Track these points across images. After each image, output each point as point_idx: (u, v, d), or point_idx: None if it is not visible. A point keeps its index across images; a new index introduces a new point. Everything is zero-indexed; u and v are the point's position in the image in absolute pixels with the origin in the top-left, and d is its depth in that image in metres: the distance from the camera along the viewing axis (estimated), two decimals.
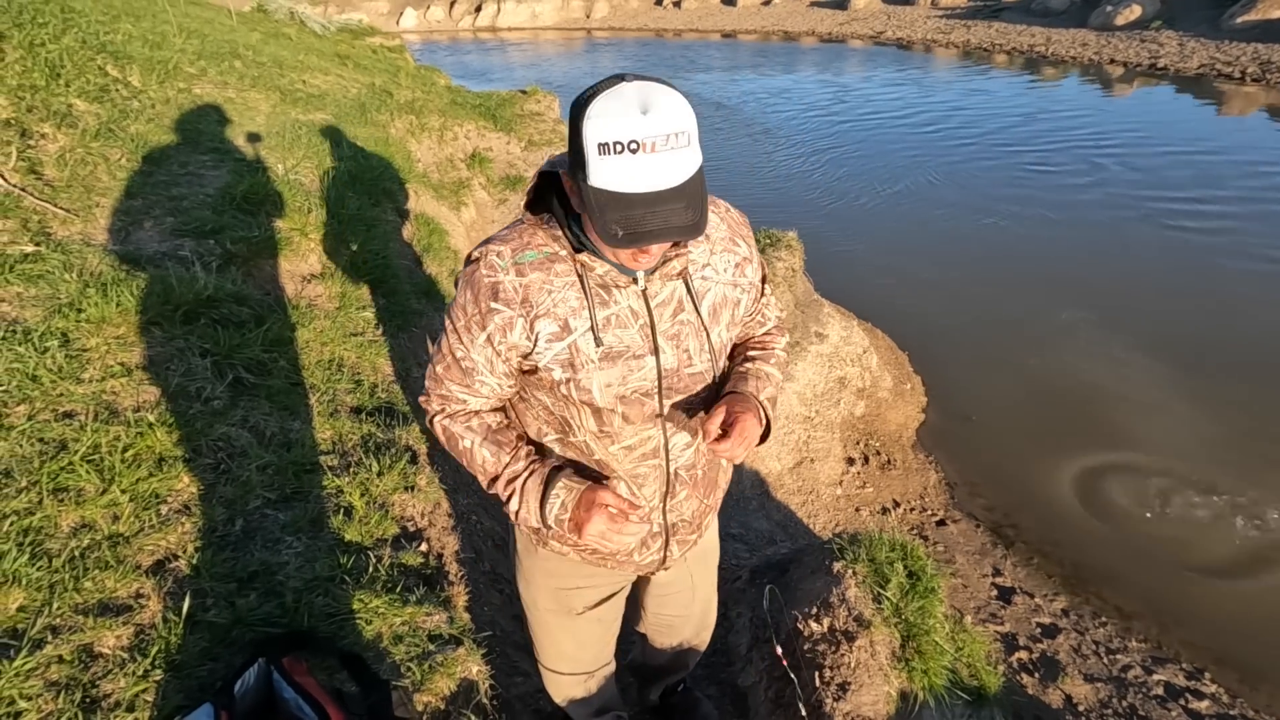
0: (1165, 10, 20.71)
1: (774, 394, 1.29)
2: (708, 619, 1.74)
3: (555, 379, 1.11)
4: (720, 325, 1.19)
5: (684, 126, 0.88)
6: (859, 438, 4.31)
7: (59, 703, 1.31)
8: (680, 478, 1.27)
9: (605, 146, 0.87)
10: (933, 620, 1.98)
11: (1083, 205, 8.15)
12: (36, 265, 2.36)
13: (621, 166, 0.87)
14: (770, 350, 1.33)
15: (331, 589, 1.72)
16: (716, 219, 1.19)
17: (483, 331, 1.10)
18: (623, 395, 1.13)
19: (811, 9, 32.81)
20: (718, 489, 1.40)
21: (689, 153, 0.89)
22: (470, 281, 1.10)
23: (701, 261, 1.16)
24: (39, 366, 1.97)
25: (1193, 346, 5.20)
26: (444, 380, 1.20)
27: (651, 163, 0.87)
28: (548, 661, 1.66)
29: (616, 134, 0.86)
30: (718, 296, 1.18)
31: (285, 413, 2.27)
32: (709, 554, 1.61)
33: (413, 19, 39.39)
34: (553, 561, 1.43)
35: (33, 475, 1.69)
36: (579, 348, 1.08)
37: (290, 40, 8.81)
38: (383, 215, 4.11)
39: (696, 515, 1.36)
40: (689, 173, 0.90)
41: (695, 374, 1.17)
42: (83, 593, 1.51)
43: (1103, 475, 4.09)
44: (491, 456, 1.19)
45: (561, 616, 1.52)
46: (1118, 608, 3.35)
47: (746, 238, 1.24)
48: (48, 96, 3.32)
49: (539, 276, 1.07)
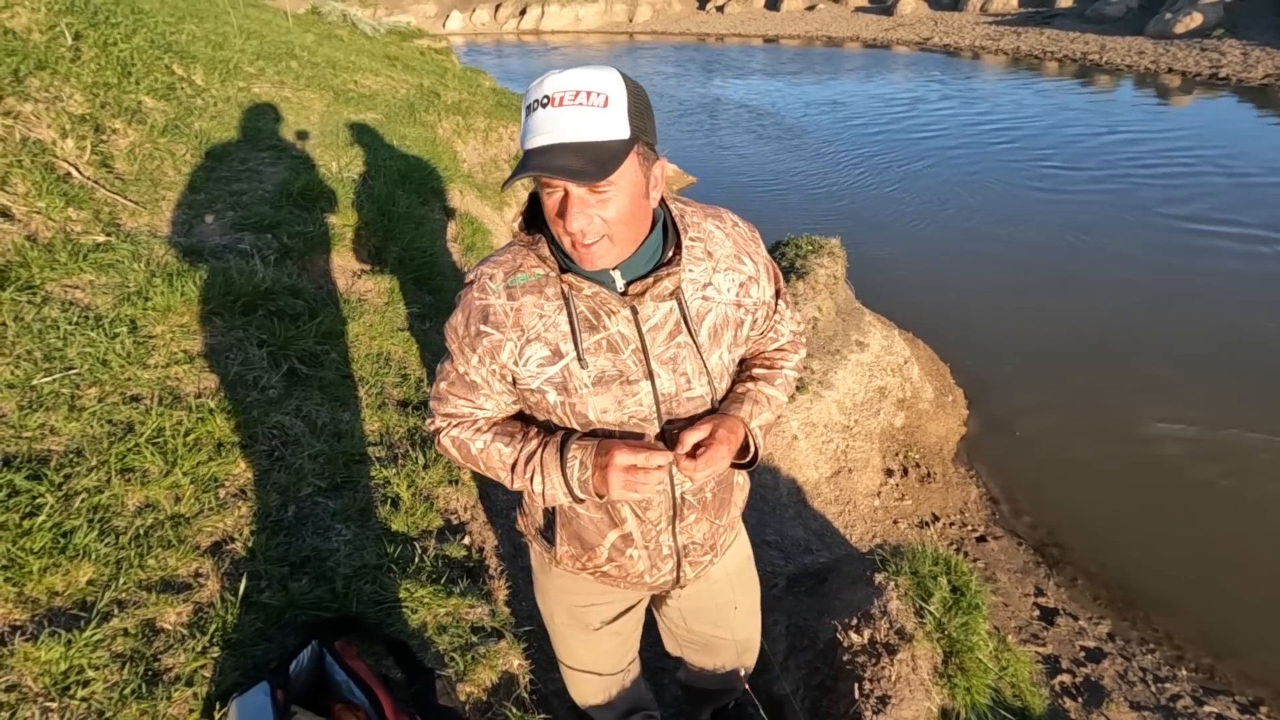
0: (1228, 18, 19.97)
1: (770, 420, 1.22)
2: (751, 640, 1.66)
3: (550, 402, 1.10)
4: (721, 347, 1.13)
5: (600, 88, 0.89)
6: (898, 449, 4.25)
7: (124, 674, 1.37)
8: (688, 502, 1.24)
9: (529, 108, 0.91)
10: (976, 637, 1.94)
11: (1149, 229, 7.72)
12: (107, 255, 2.46)
13: (532, 122, 0.90)
14: (777, 370, 1.26)
15: (379, 577, 1.76)
16: (721, 235, 1.13)
17: (473, 353, 1.10)
18: (620, 421, 1.11)
19: (856, 14, 32.45)
20: (732, 508, 1.35)
21: (598, 114, 0.89)
22: (463, 304, 1.10)
23: (702, 280, 1.10)
24: (109, 351, 2.06)
25: (1258, 383, 4.96)
26: (449, 397, 1.18)
27: (555, 115, 0.88)
28: (569, 666, 1.63)
29: (535, 94, 0.90)
30: (719, 317, 1.11)
31: (336, 403, 2.33)
32: (742, 572, 1.53)
33: (458, 22, 40.08)
34: (565, 579, 1.40)
35: (102, 455, 1.76)
36: (571, 372, 1.07)
37: (342, 42, 9.05)
38: (430, 214, 4.19)
39: (709, 537, 1.32)
40: (596, 134, 0.89)
41: (695, 398, 1.13)
42: (146, 570, 1.58)
43: (1152, 499, 3.96)
44: (506, 447, 1.17)
45: (578, 630, 1.50)
46: (1167, 634, 3.23)
47: (754, 254, 1.16)
48: (119, 93, 3.47)
49: (531, 300, 1.06)
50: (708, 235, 1.12)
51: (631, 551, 1.27)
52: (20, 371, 1.89)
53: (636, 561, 1.28)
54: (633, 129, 0.92)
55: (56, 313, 2.12)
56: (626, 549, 1.26)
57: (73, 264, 2.34)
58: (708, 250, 1.11)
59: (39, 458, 1.71)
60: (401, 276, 3.28)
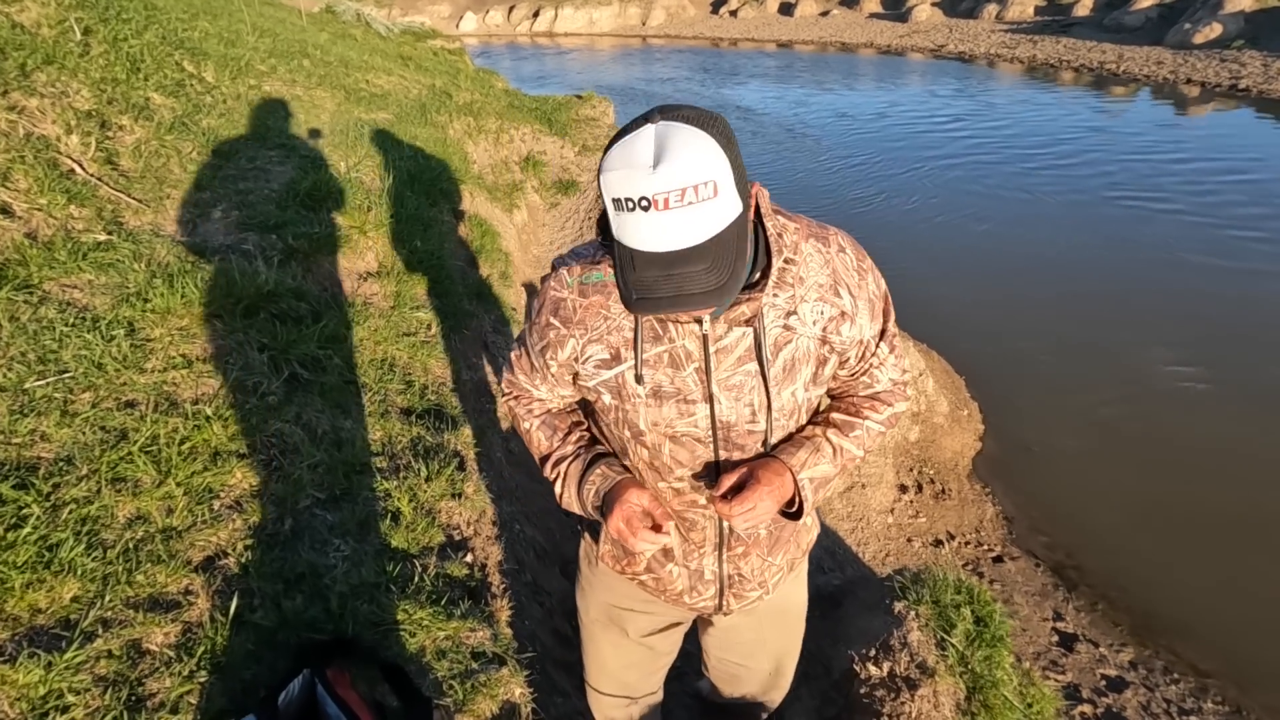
0: (1249, 29, 19.73)
1: (828, 473, 1.10)
2: (780, 680, 1.61)
3: (605, 404, 1.09)
4: (796, 384, 1.03)
5: (705, 177, 0.76)
6: (912, 464, 4.15)
7: (106, 699, 1.30)
8: (737, 535, 1.18)
9: (619, 203, 0.79)
10: (1000, 671, 1.85)
11: (1188, 247, 7.45)
12: (108, 254, 2.41)
13: (633, 224, 0.78)
14: (859, 420, 1.13)
15: (377, 596, 1.69)
16: (820, 260, 1.01)
17: (541, 341, 1.11)
18: (671, 435, 1.06)
19: (870, 20, 32.30)
20: (790, 548, 1.28)
21: (712, 207, 0.77)
22: (542, 291, 1.11)
23: (786, 308, 0.99)
24: (105, 354, 2.00)
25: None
26: (516, 369, 1.23)
27: (664, 221, 0.76)
28: (593, 678, 1.62)
29: (627, 189, 0.77)
30: (799, 350, 1.01)
31: (338, 411, 2.27)
32: (789, 615, 1.48)
33: (472, 23, 40.19)
34: (610, 577, 1.39)
35: (93, 463, 1.70)
36: (625, 379, 1.04)
37: (356, 41, 9.04)
38: (439, 216, 4.13)
39: (759, 572, 1.26)
40: (713, 229, 0.78)
41: (758, 432, 1.05)
42: (134, 586, 1.51)
43: (1175, 520, 3.84)
44: (545, 439, 1.22)
45: (611, 632, 1.47)
46: (1191, 664, 3.12)
47: (855, 287, 1.04)
48: (128, 90, 3.43)
49: (599, 299, 1.04)
50: (804, 259, 1.01)
51: (671, 567, 1.25)
52: (13, 374, 1.83)
53: (676, 579, 1.26)
54: (741, 196, 0.81)
55: (53, 313, 2.07)
56: (666, 563, 1.25)
57: (72, 263, 2.28)
58: (800, 275, 1.00)
59: (28, 465, 1.64)
60: (408, 280, 3.21)
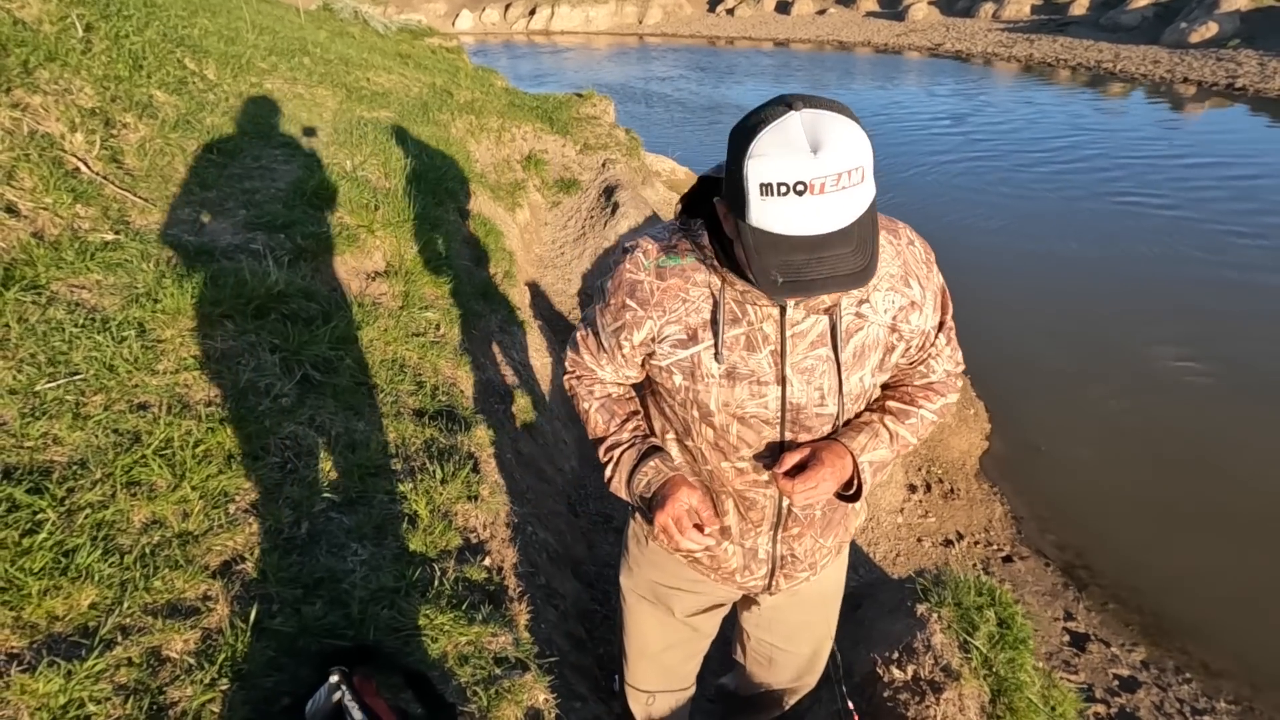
0: (1245, 28, 19.81)
1: (886, 458, 1.16)
2: (815, 664, 1.64)
3: (675, 384, 1.11)
4: (864, 369, 1.08)
5: (859, 162, 0.78)
6: (920, 464, 4.14)
7: (127, 708, 1.27)
8: (794, 514, 1.20)
9: (768, 187, 0.78)
10: (1024, 674, 1.84)
11: (1182, 234, 7.55)
12: (116, 254, 2.38)
13: (786, 209, 0.78)
14: (914, 408, 1.18)
15: (397, 601, 1.66)
16: (892, 251, 1.07)
17: (615, 322, 1.12)
18: (740, 416, 1.08)
19: (867, 19, 32.32)
20: (841, 531, 1.32)
21: (862, 189, 0.79)
22: (615, 273, 1.11)
23: (858, 296, 1.04)
24: (116, 356, 1.97)
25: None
26: (582, 349, 1.24)
27: (820, 205, 0.78)
28: (632, 666, 1.63)
29: (783, 175, 0.77)
30: (869, 338, 1.06)
31: (350, 412, 2.24)
32: (828, 597, 1.51)
33: (468, 21, 40.05)
34: (660, 556, 1.41)
35: (107, 467, 1.67)
36: (701, 360, 1.06)
37: (354, 39, 8.99)
38: (445, 215, 4.10)
39: (810, 553, 1.29)
40: (860, 211, 0.80)
41: (825, 415, 1.09)
42: (153, 592, 1.48)
43: (1185, 519, 3.84)
44: (602, 421, 1.24)
45: (658, 610, 1.49)
46: (1204, 663, 3.11)
47: (924, 279, 1.09)
48: (130, 87, 3.39)
49: (677, 283, 1.05)
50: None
51: (727, 545, 1.27)
52: (23, 376, 1.80)
53: (730, 557, 1.28)
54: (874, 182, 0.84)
55: (62, 314, 2.03)
56: (723, 541, 1.26)
57: (80, 263, 2.25)
58: None
59: (41, 469, 1.61)
60: (417, 280, 3.18)
